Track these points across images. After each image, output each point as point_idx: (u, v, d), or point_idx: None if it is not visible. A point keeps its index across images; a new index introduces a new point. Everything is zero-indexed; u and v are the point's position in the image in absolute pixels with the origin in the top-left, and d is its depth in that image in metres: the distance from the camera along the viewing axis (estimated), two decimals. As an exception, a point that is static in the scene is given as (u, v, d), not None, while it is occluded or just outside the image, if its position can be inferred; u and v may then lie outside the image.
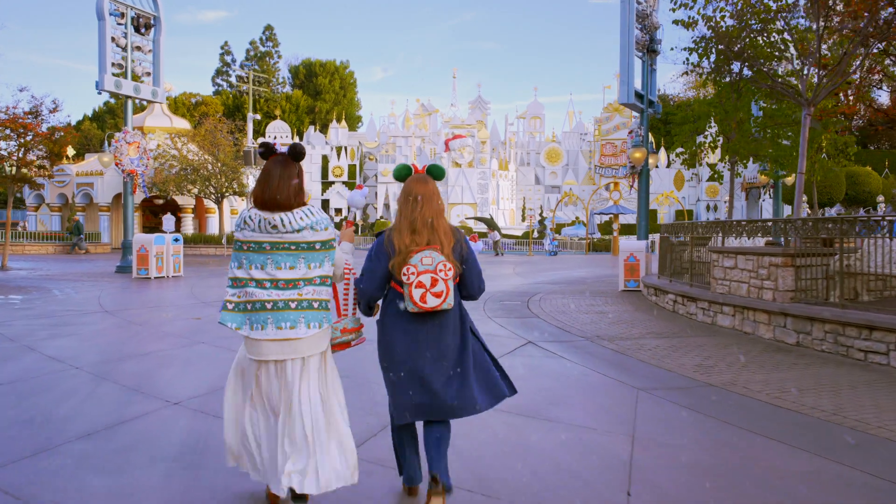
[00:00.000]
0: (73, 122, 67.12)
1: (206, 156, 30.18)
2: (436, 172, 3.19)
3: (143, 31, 17.58)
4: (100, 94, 16.47)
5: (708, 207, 51.74)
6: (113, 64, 16.80)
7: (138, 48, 17.50)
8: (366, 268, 3.13)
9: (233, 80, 70.97)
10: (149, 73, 17.90)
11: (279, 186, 2.93)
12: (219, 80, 74.20)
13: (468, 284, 3.19)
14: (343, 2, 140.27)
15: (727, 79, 13.94)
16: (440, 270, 2.98)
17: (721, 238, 9.48)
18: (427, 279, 2.97)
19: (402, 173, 3.17)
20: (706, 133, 13.45)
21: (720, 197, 56.28)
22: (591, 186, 55.82)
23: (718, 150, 16.05)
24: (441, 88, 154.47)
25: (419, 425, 3.24)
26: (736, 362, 6.67)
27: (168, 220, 28.62)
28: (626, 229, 42.22)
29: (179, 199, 33.63)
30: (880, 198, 34.28)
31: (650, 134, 35.50)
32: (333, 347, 3.12)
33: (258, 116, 31.44)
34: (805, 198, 36.96)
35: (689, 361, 6.71)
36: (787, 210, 29.18)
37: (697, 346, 7.53)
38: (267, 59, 76.78)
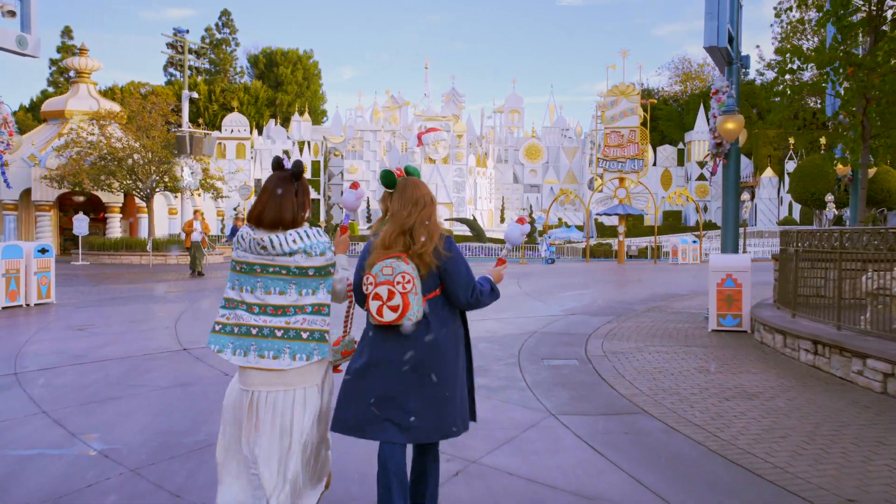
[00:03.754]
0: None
1: (133, 142, 24.69)
2: (411, 171, 2.87)
3: (2, -50, 12.24)
4: (-72, 35, 11.13)
5: (697, 208, 48.15)
6: (-49, -7, 11.50)
7: (-6, -26, 12.18)
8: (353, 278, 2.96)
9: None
10: (13, 13, 12.59)
11: (278, 205, 2.74)
12: (171, 70, 68.56)
13: (452, 294, 2.79)
14: (308, 3, 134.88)
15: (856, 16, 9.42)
16: (398, 283, 2.63)
17: None
18: (384, 291, 2.64)
19: (391, 180, 2.83)
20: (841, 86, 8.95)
21: (710, 196, 52.64)
22: (573, 185, 51.53)
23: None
24: (411, 88, 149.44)
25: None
26: None
27: (80, 222, 23.07)
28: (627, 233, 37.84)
29: (105, 197, 27.99)
30: (910, 196, 30.23)
31: (642, 128, 30.79)
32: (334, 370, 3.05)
33: (196, 95, 26.13)
34: (831, 196, 33.01)
35: None
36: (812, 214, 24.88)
37: None
38: (224, 46, 71.39)
